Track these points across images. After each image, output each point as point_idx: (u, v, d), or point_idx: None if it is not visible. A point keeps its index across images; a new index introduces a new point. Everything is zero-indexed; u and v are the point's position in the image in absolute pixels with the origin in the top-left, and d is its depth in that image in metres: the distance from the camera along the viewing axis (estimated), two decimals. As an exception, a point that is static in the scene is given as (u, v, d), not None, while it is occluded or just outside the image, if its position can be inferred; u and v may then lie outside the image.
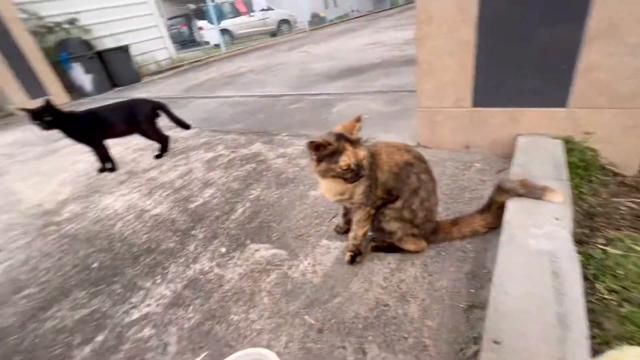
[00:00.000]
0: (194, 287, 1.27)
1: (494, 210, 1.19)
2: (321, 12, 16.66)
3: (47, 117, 2.18)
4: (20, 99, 6.65)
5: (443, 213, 1.37)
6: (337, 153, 0.96)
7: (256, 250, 1.40)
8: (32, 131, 4.92)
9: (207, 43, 12.92)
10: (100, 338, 1.13)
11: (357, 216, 1.15)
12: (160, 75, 8.68)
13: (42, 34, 7.06)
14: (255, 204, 1.74)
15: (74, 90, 7.49)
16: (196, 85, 5.98)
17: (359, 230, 1.17)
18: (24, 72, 6.46)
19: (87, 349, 1.09)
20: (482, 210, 1.22)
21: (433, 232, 1.20)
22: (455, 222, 1.23)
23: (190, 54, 11.26)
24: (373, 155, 1.09)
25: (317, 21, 15.82)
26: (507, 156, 1.69)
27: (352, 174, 0.97)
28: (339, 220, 1.42)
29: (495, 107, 1.63)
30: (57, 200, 2.29)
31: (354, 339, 0.95)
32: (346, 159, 0.95)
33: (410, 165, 1.08)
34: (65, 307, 1.30)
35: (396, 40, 6.35)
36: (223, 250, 1.44)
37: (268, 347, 0.97)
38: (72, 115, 2.32)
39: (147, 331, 1.12)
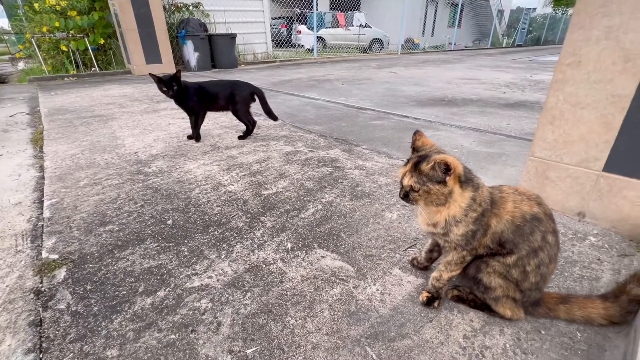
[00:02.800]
0: (255, 274, 1.24)
1: (623, 303, 0.96)
2: (416, 38, 16.54)
3: (175, 86, 2.41)
4: (137, 61, 7.65)
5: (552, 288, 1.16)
6: (407, 161, 0.94)
7: (322, 257, 1.33)
8: (141, 90, 5.60)
9: (301, 46, 13.63)
10: (161, 294, 1.15)
11: (449, 257, 1.02)
12: (254, 66, 9.34)
13: (172, 11, 8.08)
14: (327, 208, 1.69)
15: (181, 63, 8.42)
16: (285, 82, 6.27)
17: (445, 272, 1.03)
18: (149, 39, 7.42)
19: (149, 300, 1.12)
20: (606, 297, 1.00)
21: (534, 303, 1.01)
22: (564, 300, 1.02)
23: (284, 53, 11.97)
24: (494, 202, 0.95)
25: (409, 46, 15.74)
26: (636, 239, 1.39)
27: (399, 190, 0.96)
28: (419, 254, 1.29)
29: (638, 178, 1.36)
30: (149, 153, 2.51)
31: (422, 397, 0.82)
32: (399, 172, 0.95)
33: (538, 220, 0.92)
34: (138, 253, 1.37)
35: (495, 81, 5.96)
36: (289, 245, 1.40)
37: (322, 367, 0.89)
38: (186, 87, 2.53)
39: (204, 303, 1.11)
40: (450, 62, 9.75)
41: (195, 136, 2.77)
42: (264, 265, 1.29)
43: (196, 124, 2.73)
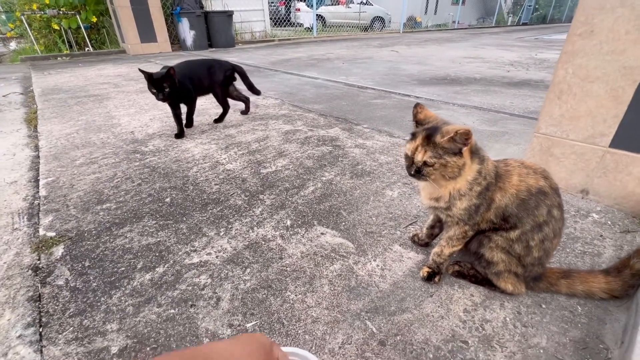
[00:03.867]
0: (254, 250, 1.23)
1: (625, 277, 0.95)
2: (418, 16, 16.02)
3: (167, 88, 2.04)
4: (132, 40, 7.43)
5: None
6: (414, 136, 0.89)
7: (322, 234, 1.32)
8: (137, 70, 5.46)
9: (300, 25, 13.23)
10: (160, 270, 1.14)
11: (450, 232, 1.00)
12: (252, 45, 9.09)
13: (165, -14, 7.76)
14: (327, 186, 1.67)
15: (176, 42, 8.18)
16: (283, 61, 6.11)
17: (447, 248, 1.02)
18: (142, 17, 7.18)
19: (147, 276, 1.11)
20: (608, 272, 0.99)
21: (536, 278, 1.00)
22: (566, 274, 1.01)
23: (282, 32, 11.62)
24: (499, 175, 0.92)
25: (412, 24, 15.26)
26: (639, 216, 1.38)
27: (408, 167, 0.91)
28: (420, 230, 1.27)
29: (645, 154, 1.33)
30: (146, 133, 2.47)
31: (422, 368, 0.82)
32: (406, 148, 0.89)
33: (544, 194, 0.89)
34: (136, 230, 1.36)
35: (499, 60, 5.81)
36: (288, 223, 1.39)
37: (322, 340, 0.89)
38: (179, 83, 2.14)
39: (203, 279, 1.10)
40: (454, 41, 9.48)
41: (186, 127, 2.49)
42: (263, 242, 1.27)
43: (190, 110, 2.46)
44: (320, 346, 0.87)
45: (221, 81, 2.49)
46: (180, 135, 2.35)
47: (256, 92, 2.76)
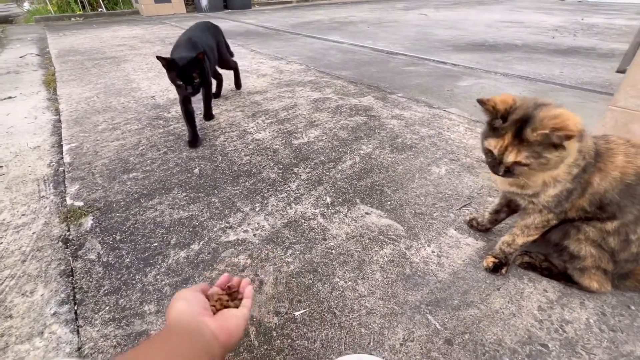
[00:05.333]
0: (294, 230, 1.13)
1: None
2: (448, -24, 14.68)
3: (196, 78, 1.51)
4: (145, 1, 7.10)
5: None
6: (497, 130, 0.72)
7: (367, 214, 1.20)
8: (152, 31, 5.24)
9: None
10: (195, 247, 1.06)
11: (529, 220, 0.86)
12: (268, 7, 8.60)
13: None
14: (366, 161, 1.53)
15: (191, 3, 7.80)
16: (304, 24, 5.74)
17: (521, 237, 0.89)
18: (155, -27, 6.79)
19: (182, 254, 1.03)
20: None
21: (622, 275, 0.87)
22: (660, 273, 0.87)
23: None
24: (599, 154, 0.76)
25: (440, -15, 14.04)
26: None
27: (492, 166, 0.76)
28: (477, 214, 1.14)
29: None
30: (167, 98, 2.34)
31: (497, 373, 0.72)
32: (488, 143, 0.73)
33: None
34: (165, 202, 1.27)
35: (541, 24, 5.28)
36: (328, 200, 1.27)
37: (380, 334, 0.80)
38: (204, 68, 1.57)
39: (242, 259, 1.02)
40: (486, 3, 8.69)
41: (205, 119, 1.97)
42: (303, 221, 1.17)
43: (208, 96, 1.91)
44: (379, 342, 0.78)
45: (222, 46, 2.10)
46: (194, 142, 1.65)
47: (231, 53, 2.27)
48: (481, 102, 0.72)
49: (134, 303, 0.88)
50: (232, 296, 0.62)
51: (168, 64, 1.46)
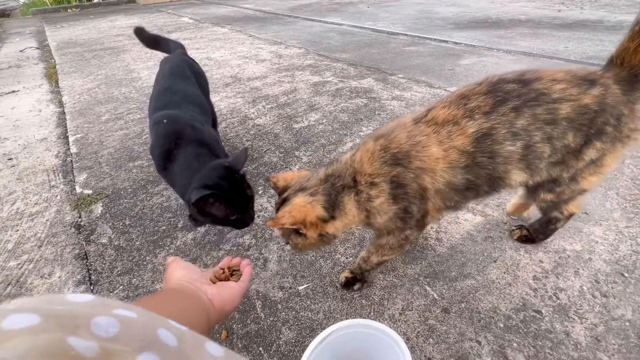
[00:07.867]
0: (296, 211, 1.16)
1: None
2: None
3: (251, 205, 0.96)
4: (142, -13, 6.97)
5: (635, 227, 1.02)
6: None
7: (367, 193, 1.22)
8: (149, 20, 5.18)
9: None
10: (201, 229, 1.10)
11: (383, 240, 0.77)
12: (266, -10, 8.39)
13: None
14: (366, 142, 1.54)
15: (187, -12, 7.62)
16: (302, 6, 5.62)
17: (375, 255, 0.81)
18: (149, -41, 6.64)
19: (190, 236, 1.08)
20: None
21: None
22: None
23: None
24: (399, 159, 0.68)
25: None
26: None
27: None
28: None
29: None
30: (168, 87, 2.35)
31: (492, 338, 0.76)
32: None
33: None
34: (171, 188, 1.30)
35: (548, -2, 5.10)
36: (329, 181, 1.30)
37: (380, 305, 0.84)
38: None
39: (247, 239, 1.06)
40: (492, -22, 8.38)
41: None
42: (305, 202, 1.20)
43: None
44: (379, 312, 0.82)
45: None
46: None
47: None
48: (267, 180, 0.73)
49: (146, 282, 0.93)
50: (233, 274, 0.65)
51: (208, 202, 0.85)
